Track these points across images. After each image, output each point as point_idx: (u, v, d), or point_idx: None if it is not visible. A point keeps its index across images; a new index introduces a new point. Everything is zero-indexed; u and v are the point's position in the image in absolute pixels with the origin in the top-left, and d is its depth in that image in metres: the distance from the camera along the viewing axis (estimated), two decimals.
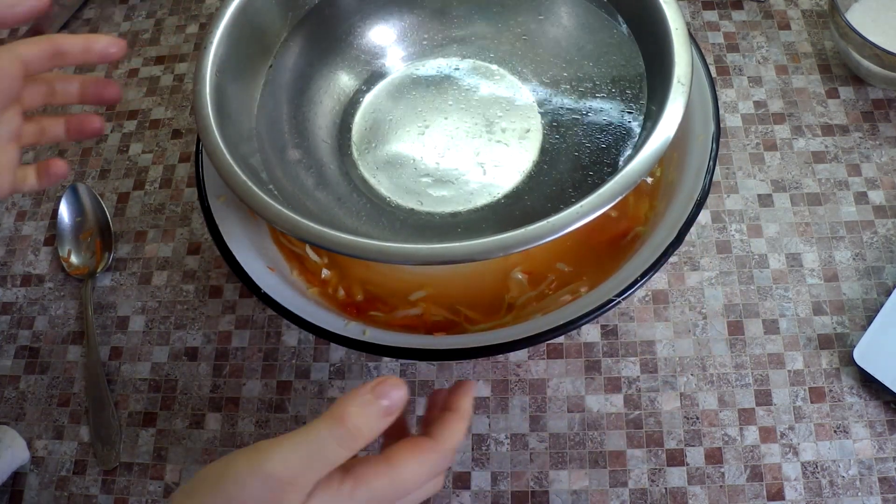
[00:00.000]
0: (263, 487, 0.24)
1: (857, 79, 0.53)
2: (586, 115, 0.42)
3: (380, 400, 0.26)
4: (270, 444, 0.25)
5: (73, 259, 0.52)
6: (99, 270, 0.51)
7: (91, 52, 0.36)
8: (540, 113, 0.44)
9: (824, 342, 0.44)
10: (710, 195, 0.40)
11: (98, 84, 0.38)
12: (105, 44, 0.36)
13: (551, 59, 0.45)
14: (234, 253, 0.40)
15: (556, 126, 0.43)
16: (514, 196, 0.41)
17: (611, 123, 0.41)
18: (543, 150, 0.43)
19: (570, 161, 0.42)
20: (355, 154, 0.44)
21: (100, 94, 0.38)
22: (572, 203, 0.32)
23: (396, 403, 0.27)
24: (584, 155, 0.41)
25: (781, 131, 0.51)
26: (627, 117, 0.40)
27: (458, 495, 0.43)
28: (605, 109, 0.41)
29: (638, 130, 0.39)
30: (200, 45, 0.39)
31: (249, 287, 0.39)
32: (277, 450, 0.25)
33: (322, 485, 0.25)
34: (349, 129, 0.45)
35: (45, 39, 0.35)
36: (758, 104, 0.53)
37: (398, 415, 0.27)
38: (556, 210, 0.32)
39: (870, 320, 0.44)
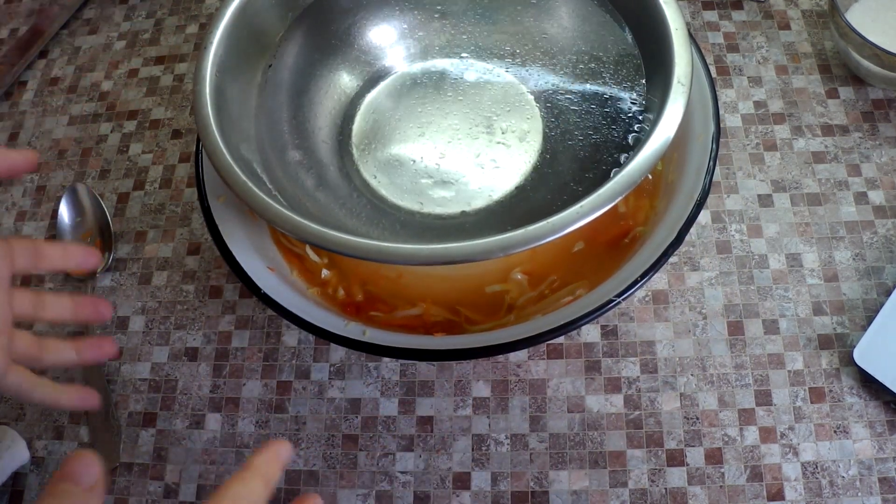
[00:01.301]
0: None
1: (857, 79, 0.53)
2: (586, 115, 0.42)
3: (69, 482, 0.25)
4: None
5: None
6: (99, 271, 0.51)
7: (69, 262, 0.36)
8: (540, 113, 0.44)
9: (824, 342, 0.44)
10: (710, 195, 0.40)
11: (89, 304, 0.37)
12: (82, 256, 0.37)
13: (552, 59, 0.45)
14: (234, 253, 0.40)
15: (556, 126, 0.43)
16: (515, 196, 0.41)
17: (611, 124, 0.41)
18: (543, 151, 0.43)
19: (571, 161, 0.42)
20: (355, 154, 0.44)
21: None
22: (572, 203, 0.32)
23: (92, 479, 0.26)
24: (584, 155, 0.41)
25: (781, 131, 0.51)
26: (627, 117, 0.40)
27: (457, 495, 0.43)
28: (606, 109, 0.41)
29: (638, 130, 0.39)
30: (200, 45, 0.39)
31: (249, 287, 0.39)
32: None
33: None
34: (349, 130, 0.45)
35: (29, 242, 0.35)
36: (758, 104, 0.53)
37: (101, 487, 0.26)
38: (556, 210, 0.32)
39: (870, 320, 0.44)
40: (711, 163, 0.39)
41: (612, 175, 0.33)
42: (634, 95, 0.40)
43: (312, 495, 0.30)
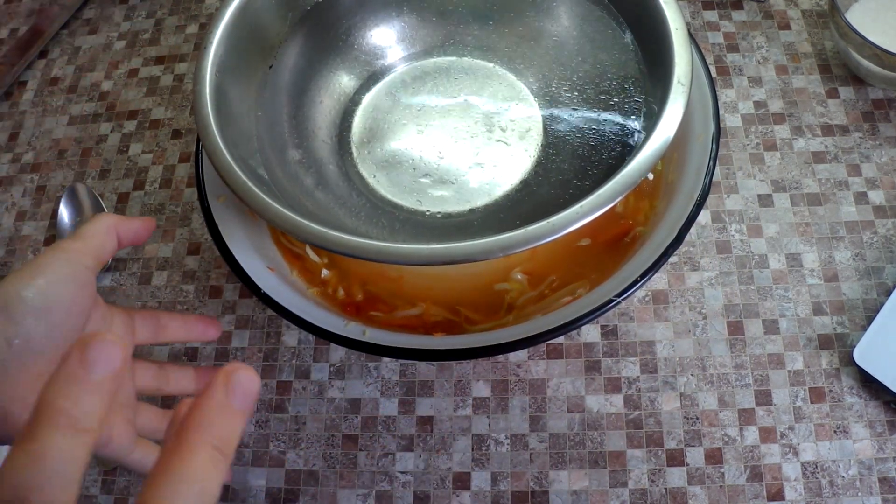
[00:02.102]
0: None
1: (857, 79, 0.53)
2: (586, 114, 0.42)
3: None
4: None
5: None
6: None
7: (190, 333, 0.37)
8: (540, 112, 0.44)
9: (824, 342, 0.44)
10: (710, 195, 0.40)
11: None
12: (202, 328, 0.37)
13: (551, 58, 0.45)
14: (234, 253, 0.40)
15: (556, 125, 0.43)
16: (514, 196, 0.41)
17: (611, 123, 0.41)
18: (543, 150, 0.43)
19: (571, 160, 0.41)
20: (355, 154, 0.44)
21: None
22: (572, 203, 0.32)
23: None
24: (584, 154, 0.41)
25: (781, 131, 0.51)
26: (627, 117, 0.40)
27: (457, 495, 0.43)
28: (605, 109, 0.41)
29: (638, 130, 0.39)
30: (200, 45, 0.39)
31: (249, 287, 0.39)
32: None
33: None
34: (349, 129, 0.45)
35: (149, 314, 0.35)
36: (758, 104, 0.53)
37: None
38: (557, 210, 0.32)
39: (870, 320, 0.44)
40: (711, 163, 0.39)
41: (612, 175, 0.33)
42: (634, 95, 0.40)
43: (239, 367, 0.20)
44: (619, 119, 0.41)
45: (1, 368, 0.26)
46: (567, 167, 0.41)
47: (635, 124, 0.39)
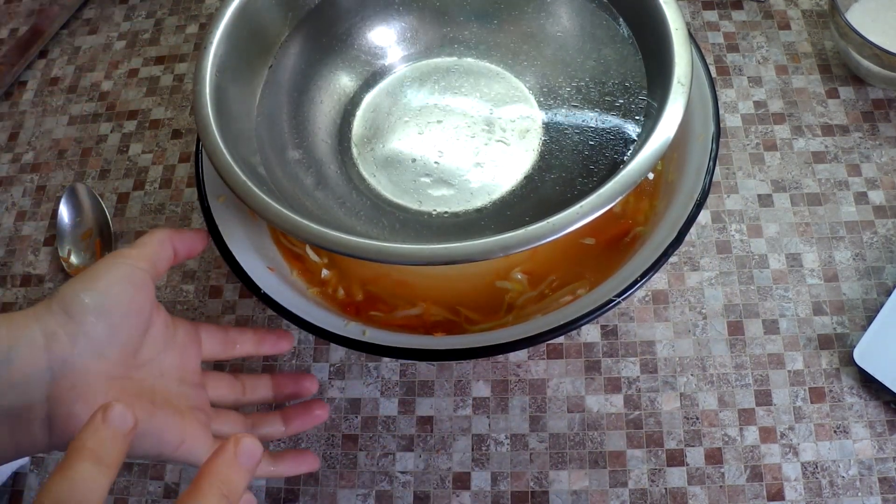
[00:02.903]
0: None
1: (857, 79, 0.53)
2: (586, 114, 0.42)
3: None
4: None
5: (73, 259, 0.52)
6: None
7: (261, 347, 0.38)
8: (540, 112, 0.44)
9: (824, 342, 0.44)
10: (710, 195, 0.40)
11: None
12: (274, 340, 0.38)
13: (551, 58, 0.45)
14: (234, 253, 0.40)
15: (556, 125, 0.43)
16: (515, 195, 0.41)
17: (611, 123, 0.41)
18: (543, 150, 0.43)
19: (571, 160, 0.41)
20: (355, 154, 0.44)
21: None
22: (573, 203, 0.32)
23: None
24: (584, 154, 0.41)
25: (781, 131, 0.51)
26: (627, 117, 0.40)
27: (457, 495, 0.43)
28: (605, 109, 0.41)
29: (638, 130, 0.39)
30: (200, 45, 0.39)
31: (249, 287, 0.39)
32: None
33: None
34: (349, 129, 0.45)
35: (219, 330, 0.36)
36: (758, 104, 0.53)
37: None
38: (557, 210, 0.32)
39: (870, 320, 0.44)
40: (711, 163, 0.39)
41: (612, 175, 0.33)
42: (634, 95, 0.40)
43: (235, 438, 0.24)
44: (619, 119, 0.41)
45: (67, 366, 0.27)
46: (567, 167, 0.41)
47: (635, 124, 0.39)
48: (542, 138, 0.43)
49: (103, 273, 0.29)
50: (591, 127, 0.42)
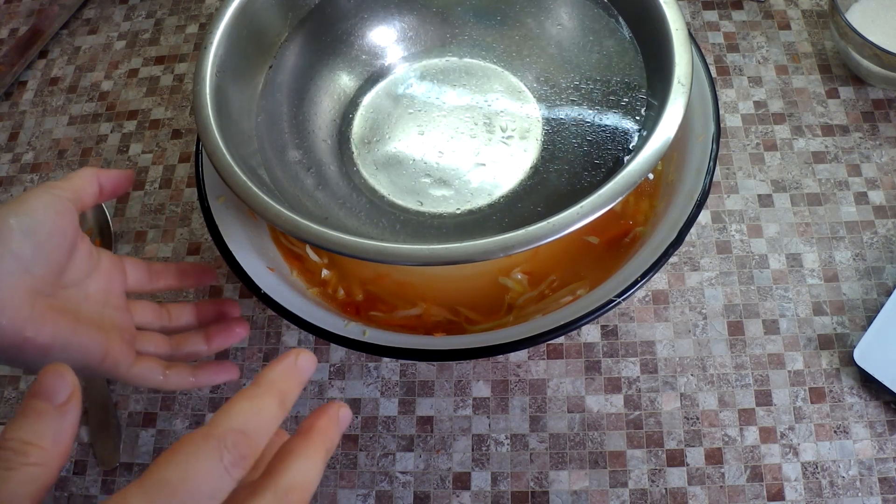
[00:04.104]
0: None
1: (857, 79, 0.53)
2: (586, 114, 0.42)
3: (41, 399, 0.23)
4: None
5: None
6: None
7: (185, 281, 0.40)
8: (540, 112, 0.44)
9: (824, 342, 0.44)
10: (710, 195, 0.40)
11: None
12: (197, 274, 0.40)
13: (551, 58, 0.45)
14: (234, 253, 0.40)
15: (556, 125, 0.43)
16: (515, 196, 0.41)
17: (611, 123, 0.41)
18: (544, 150, 0.43)
19: (571, 160, 0.41)
20: (355, 154, 0.44)
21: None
22: (573, 203, 0.32)
23: (66, 394, 0.23)
24: (584, 154, 0.41)
25: (781, 131, 0.51)
26: (627, 117, 0.40)
27: (457, 496, 0.43)
28: (606, 109, 0.41)
29: (638, 130, 0.39)
30: (200, 45, 0.39)
31: (249, 287, 0.39)
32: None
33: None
34: (349, 129, 0.45)
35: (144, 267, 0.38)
36: (758, 104, 0.53)
37: (76, 402, 0.23)
38: (557, 210, 0.32)
39: (870, 320, 0.44)
40: (711, 163, 0.39)
41: (612, 175, 0.33)
42: (634, 96, 0.40)
43: (337, 404, 0.27)
44: (619, 119, 0.41)
45: None
46: (567, 167, 0.41)
47: (635, 124, 0.39)
48: (543, 138, 0.43)
49: (28, 199, 0.31)
50: (592, 126, 0.42)
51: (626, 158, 0.35)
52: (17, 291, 0.29)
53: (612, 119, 0.41)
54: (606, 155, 0.40)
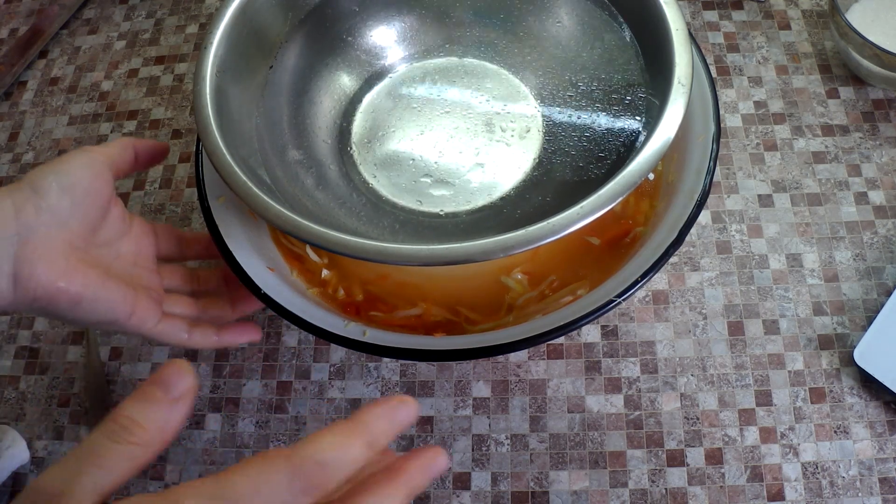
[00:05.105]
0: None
1: (857, 79, 0.53)
2: (587, 114, 0.42)
3: (158, 388, 0.24)
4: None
5: None
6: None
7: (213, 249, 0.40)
8: (540, 112, 0.44)
9: (824, 342, 0.44)
10: (710, 195, 0.40)
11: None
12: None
13: (552, 58, 0.45)
14: (234, 253, 0.40)
15: (556, 125, 0.43)
16: (515, 196, 0.41)
17: (611, 123, 0.41)
18: (544, 150, 0.43)
19: (571, 160, 0.41)
20: (355, 154, 0.44)
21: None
22: (573, 203, 0.32)
23: (182, 389, 0.24)
24: (584, 154, 0.41)
25: (781, 131, 0.51)
26: (628, 117, 0.40)
27: (458, 496, 0.43)
28: (606, 109, 0.41)
29: (638, 131, 0.39)
30: (200, 45, 0.39)
31: (249, 287, 0.39)
32: (54, 465, 0.23)
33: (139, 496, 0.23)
34: (349, 130, 0.45)
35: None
36: (758, 104, 0.53)
37: (188, 400, 0.25)
38: (557, 210, 0.32)
39: (870, 321, 0.44)
40: (712, 163, 0.39)
41: (612, 175, 0.33)
42: (635, 96, 0.40)
43: (435, 450, 0.26)
44: (619, 119, 0.41)
45: (32, 232, 0.31)
46: (567, 167, 0.41)
47: (636, 124, 0.39)
48: (543, 137, 0.43)
49: (68, 159, 0.33)
50: (592, 126, 0.42)
51: (627, 158, 0.35)
52: (54, 243, 0.31)
53: (611, 117, 0.41)
54: (606, 153, 0.40)
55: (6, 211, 0.31)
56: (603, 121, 0.41)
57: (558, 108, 0.44)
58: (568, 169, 0.41)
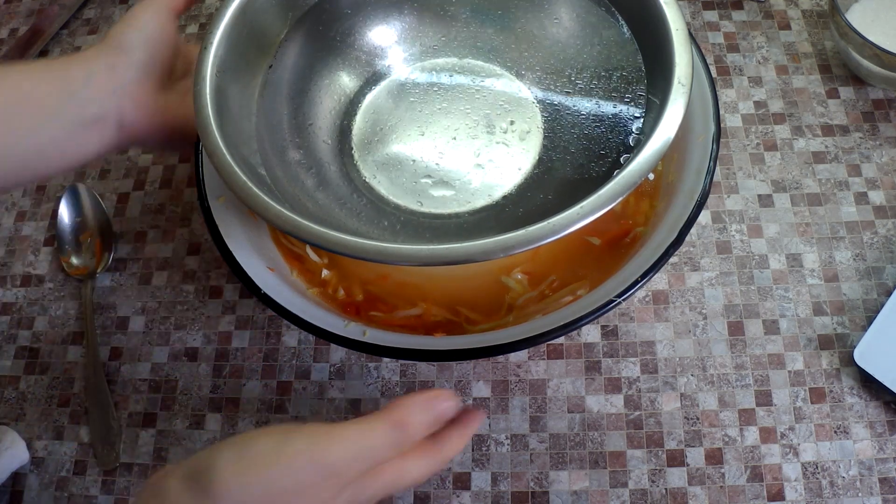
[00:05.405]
0: (316, 474, 0.26)
1: (857, 79, 0.53)
2: (587, 114, 0.42)
3: (434, 412, 0.29)
4: (330, 435, 0.27)
5: (73, 259, 0.52)
6: (99, 271, 0.51)
7: None
8: (540, 112, 0.44)
9: (824, 342, 0.44)
10: (710, 195, 0.40)
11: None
12: None
13: (552, 58, 0.45)
14: (234, 253, 0.40)
15: (556, 126, 0.43)
16: (515, 196, 0.41)
17: (611, 124, 0.41)
18: (544, 150, 0.43)
19: (571, 161, 0.41)
20: (356, 154, 0.44)
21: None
22: (573, 204, 0.32)
23: (445, 417, 0.30)
24: (584, 155, 0.41)
25: (781, 131, 0.51)
26: (628, 118, 0.40)
27: (458, 496, 0.43)
28: (606, 109, 0.41)
29: (638, 131, 0.39)
30: (200, 45, 0.39)
31: (249, 287, 0.39)
32: (339, 441, 0.27)
33: None
34: (349, 130, 0.45)
35: None
36: (758, 104, 0.53)
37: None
38: (557, 211, 0.32)
39: (870, 321, 0.44)
40: (712, 163, 0.39)
41: (612, 175, 0.33)
42: (635, 95, 0.40)
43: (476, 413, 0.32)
44: (619, 119, 0.41)
45: (125, 84, 0.37)
46: (567, 168, 0.41)
47: (636, 124, 0.39)
48: (543, 138, 0.43)
49: (139, 14, 0.39)
50: (592, 126, 0.42)
51: (627, 158, 0.35)
52: (145, 90, 0.38)
53: (611, 118, 0.41)
54: (606, 154, 0.40)
55: (103, 70, 0.37)
56: (603, 119, 0.41)
57: (558, 108, 0.44)
58: (569, 167, 0.41)
